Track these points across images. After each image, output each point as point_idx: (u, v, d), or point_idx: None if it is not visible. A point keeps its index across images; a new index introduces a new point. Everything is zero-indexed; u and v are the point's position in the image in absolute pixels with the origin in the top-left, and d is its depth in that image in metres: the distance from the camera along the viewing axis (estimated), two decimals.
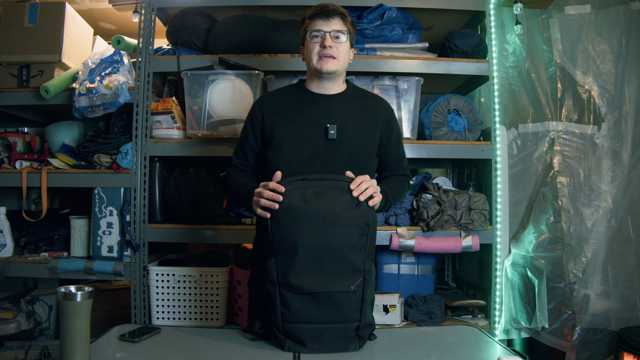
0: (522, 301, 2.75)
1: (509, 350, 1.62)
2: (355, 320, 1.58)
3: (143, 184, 2.63)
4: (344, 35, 1.84)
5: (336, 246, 1.55)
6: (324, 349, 1.59)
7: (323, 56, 1.81)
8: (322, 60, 1.81)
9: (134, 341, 1.67)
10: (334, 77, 1.87)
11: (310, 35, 1.83)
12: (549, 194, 2.71)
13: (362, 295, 1.59)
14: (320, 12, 1.82)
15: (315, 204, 1.57)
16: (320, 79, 1.87)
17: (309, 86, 1.91)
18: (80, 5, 3.30)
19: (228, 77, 2.60)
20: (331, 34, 1.81)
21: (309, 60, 1.86)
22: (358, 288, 1.58)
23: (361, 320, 1.59)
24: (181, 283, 2.54)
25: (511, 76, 2.96)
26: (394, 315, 2.55)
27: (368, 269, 1.60)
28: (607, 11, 2.79)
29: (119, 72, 2.69)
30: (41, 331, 2.90)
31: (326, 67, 1.82)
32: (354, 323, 1.58)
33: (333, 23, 1.82)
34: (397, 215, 2.68)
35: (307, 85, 1.92)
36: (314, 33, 1.82)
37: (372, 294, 1.65)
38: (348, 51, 1.88)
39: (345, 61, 1.88)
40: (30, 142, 3.13)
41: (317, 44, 1.81)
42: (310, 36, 1.83)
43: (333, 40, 1.81)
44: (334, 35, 1.82)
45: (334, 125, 1.82)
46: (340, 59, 1.83)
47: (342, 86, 1.94)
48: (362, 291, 1.59)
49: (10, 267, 2.67)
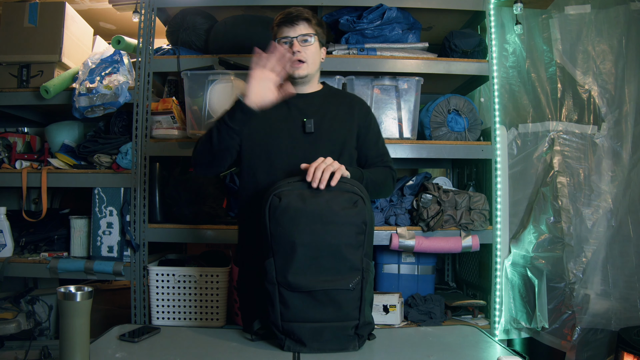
0: (522, 301, 2.75)
1: (509, 350, 1.62)
2: (354, 318, 1.59)
3: (143, 184, 2.63)
4: (311, 38, 1.89)
5: (334, 244, 1.56)
6: (324, 348, 1.59)
7: (293, 62, 1.86)
8: (294, 66, 1.87)
9: (133, 341, 1.66)
10: (307, 80, 1.94)
11: (279, 42, 1.89)
12: (549, 194, 2.71)
13: (360, 293, 1.59)
14: (285, 20, 1.88)
15: (312, 203, 1.57)
16: (295, 84, 1.93)
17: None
18: (80, 5, 3.30)
19: (228, 77, 2.60)
20: (298, 39, 1.87)
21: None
22: (356, 286, 1.58)
23: (360, 319, 1.59)
24: (181, 283, 2.54)
25: (511, 76, 2.96)
26: (394, 315, 2.55)
27: (366, 267, 1.61)
28: (607, 11, 2.79)
29: (119, 72, 2.70)
30: (41, 331, 2.90)
31: (298, 72, 1.88)
32: (353, 321, 1.59)
33: (299, 28, 1.87)
34: (397, 215, 2.68)
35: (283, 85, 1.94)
36: (282, 40, 1.88)
37: (370, 292, 1.66)
38: (318, 52, 1.93)
39: (316, 62, 1.94)
40: (30, 142, 3.13)
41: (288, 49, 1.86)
42: (280, 43, 1.88)
43: (301, 45, 1.87)
44: (301, 39, 1.87)
45: (311, 119, 1.88)
46: (310, 62, 1.89)
47: (318, 86, 2.01)
48: (361, 289, 1.59)
49: (10, 267, 2.68)
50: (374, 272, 1.68)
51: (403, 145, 2.66)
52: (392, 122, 2.71)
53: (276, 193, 1.61)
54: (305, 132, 1.87)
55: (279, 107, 1.87)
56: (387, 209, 2.69)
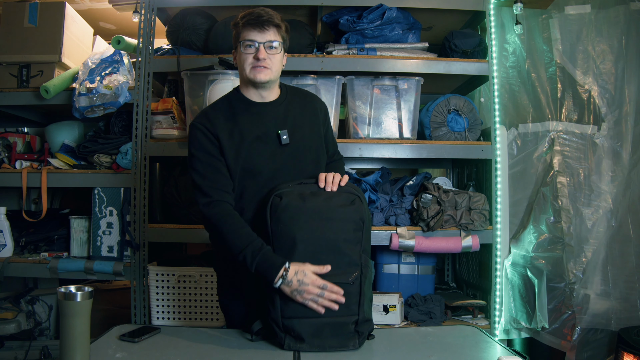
0: (522, 301, 2.75)
1: (509, 350, 1.62)
2: (353, 313, 1.61)
3: (143, 184, 2.63)
4: (278, 44, 1.79)
5: (333, 239, 1.60)
6: (324, 344, 1.60)
7: (256, 67, 1.76)
8: (255, 70, 1.76)
9: (134, 341, 1.66)
10: (269, 85, 1.84)
11: (244, 44, 1.76)
12: (549, 194, 2.71)
13: (359, 288, 1.62)
14: (254, 23, 1.75)
15: (312, 202, 1.63)
16: (256, 87, 1.84)
17: (246, 94, 1.86)
18: (80, 5, 3.30)
19: (228, 77, 2.60)
20: (265, 45, 1.76)
21: (241, 69, 1.81)
22: (355, 281, 1.62)
23: (359, 314, 1.61)
24: (181, 283, 2.54)
25: (511, 76, 2.96)
26: (394, 315, 2.55)
27: (365, 263, 1.64)
28: (607, 11, 2.79)
29: (119, 72, 2.70)
30: (41, 331, 2.90)
31: (260, 77, 1.77)
32: (353, 317, 1.60)
33: (267, 34, 1.76)
34: (397, 215, 2.68)
35: (244, 93, 1.87)
36: (247, 42, 1.76)
37: (369, 289, 1.68)
38: (281, 59, 1.84)
39: (279, 69, 1.84)
40: (30, 142, 3.13)
41: (251, 54, 1.76)
42: (244, 45, 1.77)
43: (267, 51, 1.76)
44: (268, 45, 1.76)
45: (285, 130, 1.82)
46: (273, 69, 1.79)
47: (278, 91, 1.91)
48: (360, 284, 1.62)
49: (10, 267, 2.68)
50: (373, 270, 1.70)
51: (403, 145, 2.66)
52: (392, 122, 2.71)
53: (277, 193, 1.66)
54: (281, 145, 1.81)
55: (249, 120, 1.82)
56: (387, 209, 2.69)
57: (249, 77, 1.78)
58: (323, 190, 1.68)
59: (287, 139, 1.82)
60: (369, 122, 2.70)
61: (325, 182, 1.68)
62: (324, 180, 1.69)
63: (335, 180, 1.68)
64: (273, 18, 1.77)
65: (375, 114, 2.71)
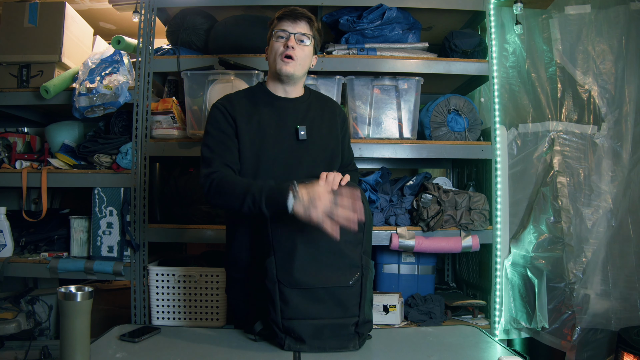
0: (522, 301, 2.75)
1: (509, 350, 1.62)
2: (354, 315, 1.61)
3: (143, 184, 2.63)
4: (308, 40, 1.85)
5: (333, 241, 1.58)
6: (324, 346, 1.60)
7: (285, 57, 1.81)
8: (283, 61, 1.82)
9: (134, 341, 1.67)
10: (293, 80, 1.88)
11: (276, 34, 1.83)
12: (549, 194, 2.71)
13: (360, 290, 1.62)
14: (289, 14, 1.83)
15: None
16: (281, 81, 1.88)
17: (271, 88, 1.91)
18: (80, 5, 3.30)
19: (228, 77, 2.60)
20: (296, 36, 1.82)
21: (271, 61, 1.86)
22: (356, 283, 1.62)
23: (360, 316, 1.61)
24: (181, 283, 2.54)
25: (511, 76, 2.96)
26: (394, 315, 2.55)
27: (365, 264, 1.65)
28: (607, 11, 2.79)
29: (119, 72, 2.69)
30: (41, 331, 2.90)
31: (286, 69, 1.82)
32: (353, 318, 1.60)
33: (299, 26, 1.83)
34: (397, 215, 2.68)
35: (270, 87, 1.92)
36: (279, 33, 1.83)
37: (370, 291, 1.67)
38: (310, 56, 1.89)
39: (306, 66, 1.88)
40: (30, 142, 3.13)
41: (281, 44, 1.82)
42: (275, 36, 1.83)
43: (297, 43, 1.82)
44: (299, 37, 1.83)
45: (304, 126, 1.85)
46: (299, 62, 1.84)
47: (302, 90, 1.96)
48: (361, 286, 1.62)
49: (10, 267, 2.67)
50: (373, 270, 1.70)
51: (403, 145, 2.66)
52: (392, 122, 2.71)
53: None
54: (298, 140, 1.85)
55: (270, 111, 1.87)
56: (387, 209, 2.69)
57: (277, 67, 1.83)
58: None
59: (305, 135, 1.84)
60: (369, 122, 2.70)
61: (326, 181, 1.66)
62: (325, 179, 1.66)
63: (335, 180, 1.65)
64: (306, 13, 1.85)
65: (375, 114, 2.71)
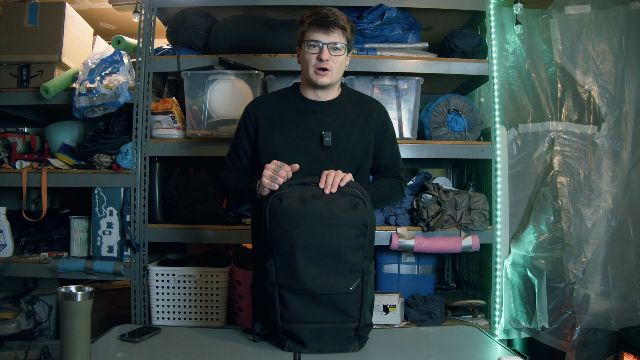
0: (522, 301, 2.75)
1: (509, 350, 1.62)
2: (354, 320, 1.59)
3: (143, 184, 2.63)
4: (343, 47, 1.80)
5: (334, 246, 1.56)
6: (324, 349, 1.59)
7: (319, 69, 1.78)
8: (317, 74, 1.79)
9: (134, 341, 1.66)
10: (329, 87, 1.86)
11: (308, 44, 1.78)
12: (549, 194, 2.71)
13: (361, 295, 1.59)
14: (320, 23, 1.75)
15: (312, 205, 1.58)
16: (315, 88, 1.86)
17: (303, 92, 1.90)
18: (80, 5, 3.30)
19: (228, 77, 2.60)
20: (329, 46, 1.77)
21: (305, 69, 1.83)
22: (357, 288, 1.58)
23: (361, 321, 1.59)
24: (181, 283, 2.54)
25: (511, 76, 2.96)
26: (394, 315, 2.55)
27: (366, 269, 1.61)
28: (607, 11, 2.79)
29: (119, 72, 2.69)
30: (41, 331, 2.90)
31: (321, 81, 1.80)
32: (354, 323, 1.59)
33: (332, 35, 1.76)
34: (397, 215, 2.68)
35: (302, 90, 1.90)
36: (311, 43, 1.78)
37: (371, 294, 1.65)
38: (344, 61, 1.85)
39: (341, 72, 1.85)
40: (30, 142, 3.13)
41: (314, 55, 1.78)
42: (307, 45, 1.78)
43: (330, 52, 1.77)
44: (332, 47, 1.77)
45: (329, 132, 1.82)
46: (335, 71, 1.81)
47: (337, 92, 1.92)
48: (361, 291, 1.59)
49: (10, 267, 2.67)
50: (374, 273, 1.67)
51: (403, 145, 2.65)
52: (392, 122, 2.71)
53: (277, 195, 1.62)
54: (322, 146, 1.82)
55: (296, 115, 1.85)
56: (387, 209, 2.69)
57: (312, 79, 1.81)
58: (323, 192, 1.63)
59: (330, 142, 1.81)
60: None
61: (325, 183, 1.63)
62: (324, 181, 1.63)
63: (335, 180, 1.62)
64: (339, 19, 1.76)
65: None
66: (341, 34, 1.78)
